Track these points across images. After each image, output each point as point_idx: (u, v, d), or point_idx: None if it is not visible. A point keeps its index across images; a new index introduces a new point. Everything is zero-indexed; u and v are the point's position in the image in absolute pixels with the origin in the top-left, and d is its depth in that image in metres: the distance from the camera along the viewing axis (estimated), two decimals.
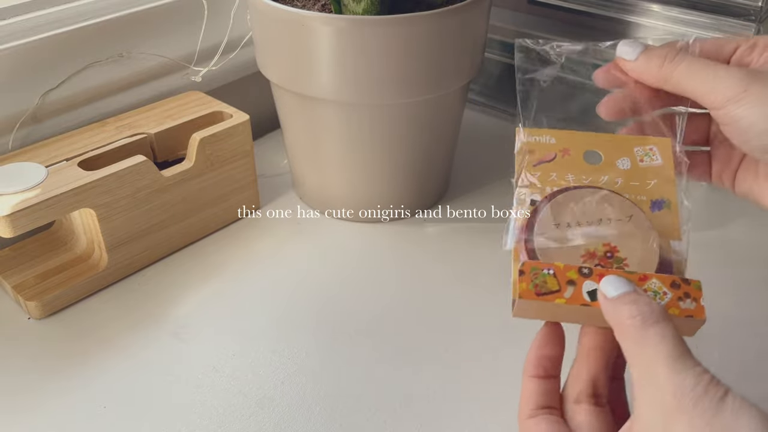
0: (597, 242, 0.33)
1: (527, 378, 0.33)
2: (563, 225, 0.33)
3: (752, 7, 0.53)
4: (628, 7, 0.58)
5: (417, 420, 0.39)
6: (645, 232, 0.33)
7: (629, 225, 0.33)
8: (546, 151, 0.37)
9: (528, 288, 0.31)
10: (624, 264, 0.32)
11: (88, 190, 0.45)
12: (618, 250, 0.33)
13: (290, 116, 0.53)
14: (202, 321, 0.46)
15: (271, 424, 0.39)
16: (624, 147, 0.37)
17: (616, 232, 0.33)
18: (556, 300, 0.31)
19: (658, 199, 0.36)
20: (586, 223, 0.33)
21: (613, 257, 0.32)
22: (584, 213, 0.34)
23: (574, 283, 0.31)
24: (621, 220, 0.33)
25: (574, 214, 0.34)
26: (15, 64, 0.50)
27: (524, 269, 0.32)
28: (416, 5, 0.46)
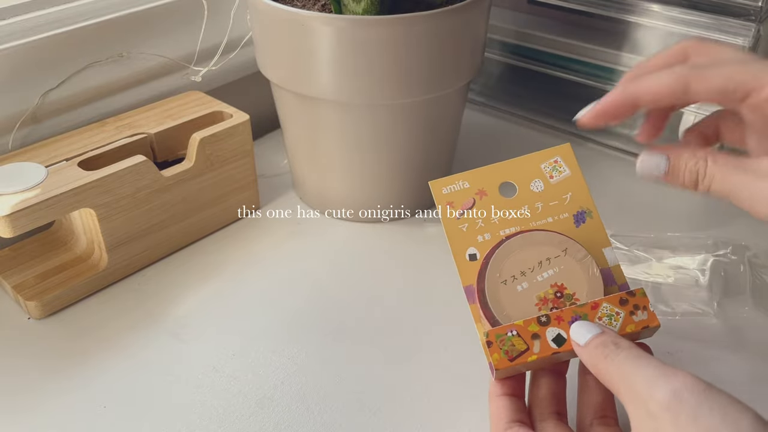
0: (545, 285, 0.35)
1: (495, 398, 0.35)
2: (509, 279, 0.35)
3: (752, 7, 0.53)
4: (628, 7, 0.58)
5: (417, 420, 0.39)
6: (582, 262, 0.35)
7: (567, 258, 0.35)
8: (464, 198, 0.38)
9: (501, 357, 0.34)
10: (575, 299, 0.34)
11: (88, 190, 0.45)
12: (565, 287, 0.35)
13: (290, 116, 0.53)
14: (202, 321, 0.46)
15: (271, 424, 0.39)
16: (531, 167, 0.39)
17: (557, 270, 0.35)
18: (528, 359, 0.34)
19: (578, 212, 0.38)
20: (529, 270, 0.35)
21: (563, 296, 0.34)
22: (523, 261, 0.35)
23: (539, 336, 0.34)
24: (558, 257, 0.35)
25: (515, 266, 0.35)
26: (15, 64, 0.50)
27: (491, 339, 0.34)
28: (416, 5, 0.46)
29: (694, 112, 0.58)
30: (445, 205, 0.38)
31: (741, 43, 0.54)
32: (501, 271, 0.35)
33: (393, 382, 0.41)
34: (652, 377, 0.28)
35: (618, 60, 0.61)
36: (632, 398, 0.28)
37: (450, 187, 0.39)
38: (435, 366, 0.43)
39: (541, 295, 0.35)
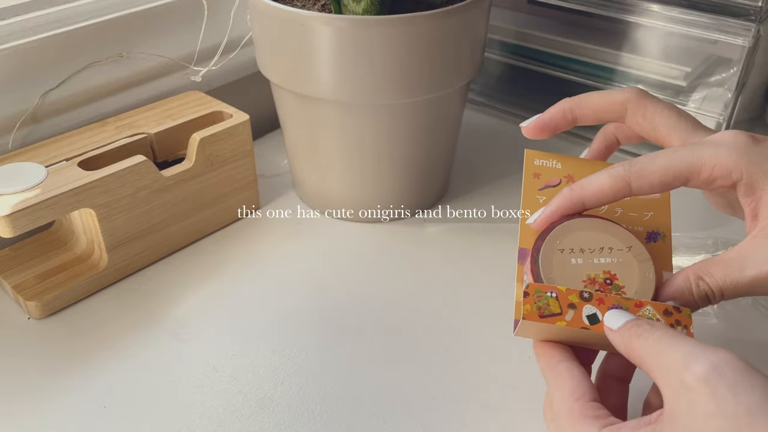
0: (597, 269, 0.35)
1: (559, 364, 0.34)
2: (567, 251, 0.35)
3: (752, 7, 0.53)
4: (628, 7, 0.58)
5: (417, 420, 0.39)
6: (642, 264, 0.35)
7: (628, 255, 0.35)
8: (551, 176, 0.39)
9: (532, 309, 0.33)
10: (622, 291, 0.34)
11: (88, 190, 0.45)
12: (617, 278, 0.35)
13: (290, 116, 0.53)
14: (202, 321, 0.46)
15: (271, 424, 0.39)
16: None
17: (615, 261, 0.35)
18: (557, 323, 0.33)
19: (653, 231, 0.38)
20: (588, 250, 0.35)
21: (612, 284, 0.34)
22: (587, 240, 0.35)
23: (575, 307, 0.34)
24: (621, 250, 0.35)
25: (577, 241, 0.35)
26: (15, 64, 0.50)
27: (528, 291, 0.34)
28: (416, 5, 0.46)
29: (694, 112, 0.58)
30: (531, 174, 0.40)
31: (741, 43, 0.54)
32: (562, 240, 0.35)
33: (393, 382, 0.41)
34: (689, 352, 0.28)
35: (618, 60, 0.61)
36: (666, 373, 0.28)
37: (543, 162, 0.40)
38: (435, 366, 0.43)
39: (592, 275, 0.35)
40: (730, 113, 0.57)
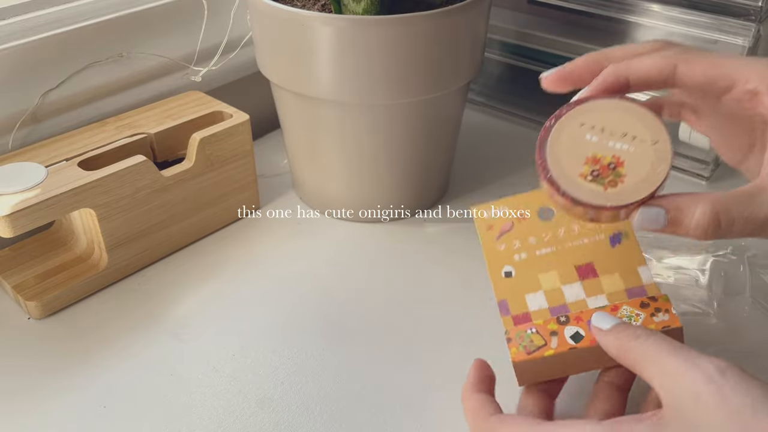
0: (608, 152, 0.33)
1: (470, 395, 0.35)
2: (587, 126, 0.33)
3: (752, 7, 0.53)
4: (628, 7, 0.58)
5: (417, 420, 0.39)
6: (659, 161, 0.32)
7: (649, 148, 0.33)
8: (502, 223, 0.40)
9: (519, 351, 0.35)
10: (620, 179, 0.32)
11: (88, 190, 0.45)
12: (623, 166, 0.33)
13: (290, 116, 0.53)
14: (202, 321, 0.46)
15: (271, 424, 0.39)
16: None
17: (632, 150, 0.33)
18: (545, 353, 0.34)
19: (615, 233, 0.39)
20: (610, 132, 0.33)
21: (614, 169, 0.33)
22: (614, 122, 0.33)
23: (557, 333, 0.35)
24: (644, 141, 0.33)
25: (603, 120, 0.34)
26: (15, 64, 0.50)
27: (510, 336, 0.35)
28: (416, 5, 0.46)
29: None
30: (484, 228, 0.41)
31: (741, 43, 0.54)
32: (589, 115, 0.34)
33: (393, 382, 0.41)
34: (690, 357, 0.28)
35: None
36: (666, 375, 0.29)
37: (489, 213, 0.41)
38: (435, 366, 0.43)
39: (598, 156, 0.33)
40: None
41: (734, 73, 0.32)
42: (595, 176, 0.32)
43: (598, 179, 0.32)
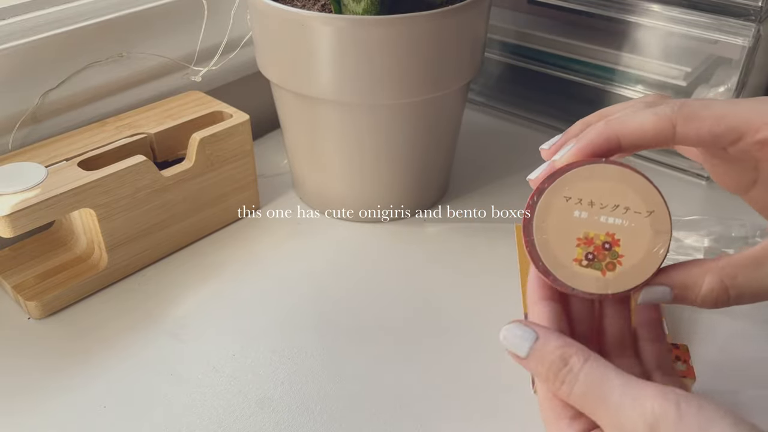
0: (601, 229, 0.30)
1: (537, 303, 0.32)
2: (574, 200, 0.31)
3: (752, 7, 0.53)
4: (628, 7, 0.58)
5: (417, 420, 0.39)
6: (658, 235, 0.30)
7: (645, 221, 0.30)
8: None
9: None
10: (618, 261, 0.30)
11: (88, 190, 0.45)
12: (619, 244, 0.30)
13: (290, 116, 0.53)
14: (202, 321, 0.46)
15: (271, 424, 0.39)
16: None
17: (626, 224, 0.30)
18: None
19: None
20: (600, 205, 0.30)
21: (610, 249, 0.30)
22: (603, 193, 0.30)
23: None
24: (639, 213, 0.30)
25: (591, 192, 0.30)
26: (15, 64, 0.50)
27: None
28: (416, 5, 0.46)
29: None
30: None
31: (741, 43, 0.54)
32: (574, 186, 0.31)
33: (393, 382, 0.41)
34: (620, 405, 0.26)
35: (618, 60, 0.61)
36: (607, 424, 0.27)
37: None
38: (435, 366, 0.43)
39: (590, 235, 0.30)
40: None
41: (742, 126, 0.29)
42: (591, 260, 0.30)
43: (594, 263, 0.30)
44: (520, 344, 0.29)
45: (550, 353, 0.28)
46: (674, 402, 0.25)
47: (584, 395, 0.27)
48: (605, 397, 0.26)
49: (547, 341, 0.29)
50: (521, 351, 0.29)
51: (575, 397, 0.27)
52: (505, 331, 0.30)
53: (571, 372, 0.28)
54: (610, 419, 0.26)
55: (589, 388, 0.27)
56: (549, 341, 0.29)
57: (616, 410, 0.26)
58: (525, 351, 0.29)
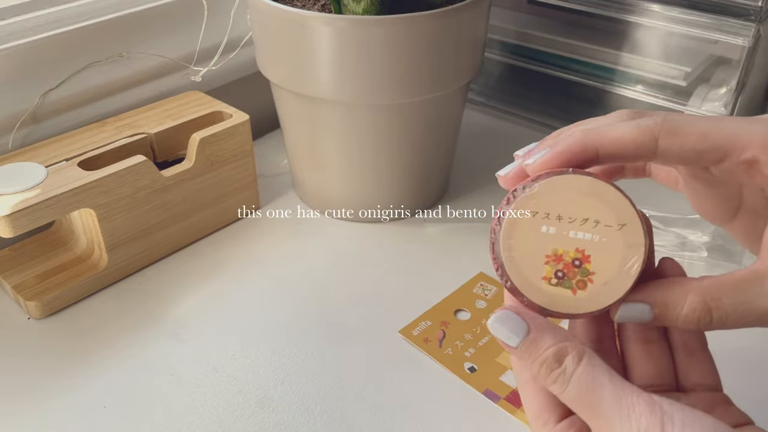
0: (570, 245, 0.29)
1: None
2: (541, 214, 0.29)
3: (752, 7, 0.53)
4: (628, 7, 0.58)
5: (417, 420, 0.39)
6: (630, 249, 0.28)
7: (617, 234, 0.28)
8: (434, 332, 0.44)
9: None
10: (588, 279, 0.28)
11: (88, 190, 0.45)
12: (589, 261, 0.28)
13: (290, 116, 0.53)
14: (202, 321, 0.46)
15: (271, 424, 0.39)
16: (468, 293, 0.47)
17: (596, 239, 0.28)
18: None
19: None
20: (568, 219, 0.29)
21: (580, 267, 0.29)
22: (571, 206, 0.29)
23: None
24: (609, 227, 0.28)
25: (558, 205, 0.29)
26: (15, 64, 0.50)
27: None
28: (416, 5, 0.46)
29: (695, 112, 0.58)
30: (423, 343, 0.44)
31: (741, 43, 0.54)
32: (541, 200, 0.29)
33: (393, 382, 0.41)
34: (609, 415, 0.26)
35: (618, 60, 0.61)
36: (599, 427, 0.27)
37: (418, 329, 0.45)
38: (435, 365, 0.43)
39: (559, 252, 0.28)
40: (730, 113, 0.57)
41: (727, 144, 0.28)
42: (560, 278, 0.28)
43: (563, 281, 0.28)
44: (509, 336, 0.28)
45: (544, 350, 0.27)
46: (659, 420, 0.25)
47: (576, 398, 0.27)
48: (596, 404, 0.26)
49: (541, 337, 0.28)
50: (511, 342, 0.28)
51: (566, 398, 0.27)
52: (493, 320, 0.28)
53: (564, 373, 0.27)
54: (600, 428, 0.26)
55: (581, 391, 0.27)
56: (543, 337, 0.28)
57: (607, 420, 0.26)
58: (515, 343, 0.28)
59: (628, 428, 0.25)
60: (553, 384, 0.27)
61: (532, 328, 0.28)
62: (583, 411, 0.27)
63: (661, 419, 0.25)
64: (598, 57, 0.62)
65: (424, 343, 0.43)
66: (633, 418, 0.25)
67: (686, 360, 0.31)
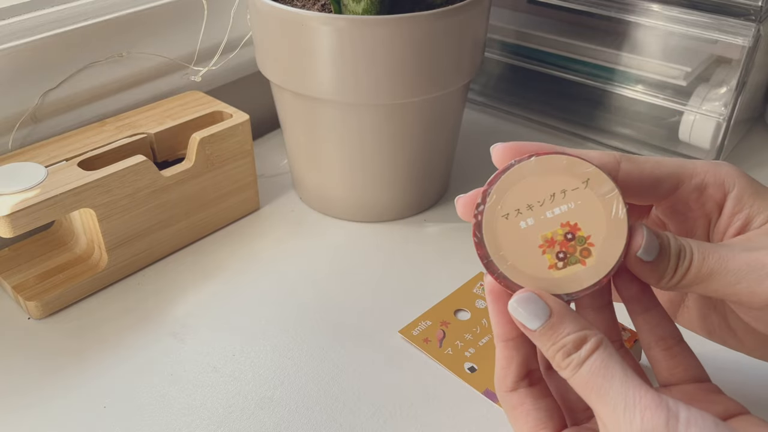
0: (553, 224, 0.28)
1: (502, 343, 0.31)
2: (512, 213, 0.29)
3: (752, 7, 0.53)
4: (628, 7, 0.58)
5: (417, 420, 0.39)
6: (606, 198, 0.28)
7: (586, 192, 0.28)
8: (434, 332, 0.44)
9: None
10: (588, 243, 0.28)
11: (88, 190, 0.45)
12: (579, 228, 0.28)
13: (290, 116, 0.53)
14: (202, 321, 0.46)
15: (271, 424, 0.39)
16: (468, 293, 0.47)
17: (573, 206, 0.28)
18: None
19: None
20: (538, 203, 0.29)
21: (575, 238, 0.28)
22: (534, 190, 0.29)
23: None
24: (576, 189, 0.28)
25: (522, 196, 0.29)
26: (15, 64, 0.50)
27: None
28: (416, 5, 0.46)
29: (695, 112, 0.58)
30: (423, 343, 0.43)
31: (741, 43, 0.54)
32: (504, 200, 0.29)
33: (393, 382, 0.41)
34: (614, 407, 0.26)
35: (618, 60, 0.61)
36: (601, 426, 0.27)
37: (418, 329, 0.44)
38: (435, 365, 0.43)
39: (548, 236, 0.28)
40: (730, 113, 0.57)
41: (679, 171, 0.31)
42: (564, 258, 0.28)
43: (569, 259, 0.28)
44: (530, 319, 0.28)
45: (564, 336, 0.28)
46: (664, 416, 0.25)
47: (586, 382, 0.27)
48: (604, 391, 0.27)
49: (561, 322, 0.28)
50: (531, 325, 0.28)
51: (576, 381, 0.27)
52: (515, 301, 0.28)
53: (579, 357, 0.27)
54: (606, 417, 0.26)
55: (592, 376, 0.27)
56: (564, 323, 0.28)
57: (613, 407, 0.26)
58: (535, 326, 0.28)
59: (631, 419, 0.25)
60: (566, 368, 0.28)
61: (554, 312, 0.28)
62: (591, 396, 0.27)
63: (666, 415, 0.25)
64: (598, 57, 0.62)
65: (424, 343, 0.43)
66: (638, 409, 0.25)
67: (665, 356, 0.31)
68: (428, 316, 0.46)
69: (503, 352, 0.31)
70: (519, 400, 0.31)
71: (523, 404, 0.31)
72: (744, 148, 0.65)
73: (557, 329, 0.28)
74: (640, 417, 0.25)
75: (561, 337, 0.28)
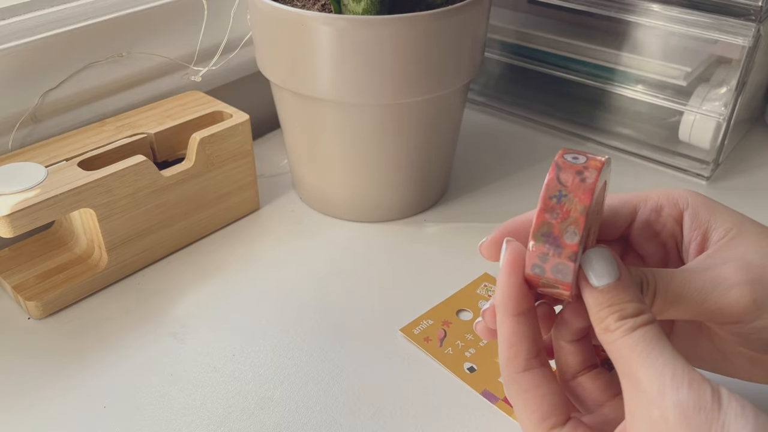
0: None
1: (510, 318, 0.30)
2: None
3: (752, 7, 0.53)
4: (628, 7, 0.58)
5: (416, 420, 0.39)
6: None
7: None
8: (435, 331, 0.45)
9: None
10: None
11: (88, 190, 0.45)
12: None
13: (290, 116, 0.53)
14: (202, 321, 0.46)
15: (271, 424, 0.39)
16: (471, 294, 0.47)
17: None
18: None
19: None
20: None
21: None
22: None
23: None
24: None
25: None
26: (15, 64, 0.50)
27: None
28: (416, 5, 0.46)
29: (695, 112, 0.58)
30: (423, 342, 0.44)
31: (741, 43, 0.54)
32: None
33: (393, 382, 0.41)
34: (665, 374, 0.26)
35: (618, 60, 0.61)
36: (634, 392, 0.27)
37: (419, 328, 0.45)
38: (435, 365, 0.43)
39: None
40: (730, 113, 0.57)
41: (632, 198, 0.33)
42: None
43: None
44: (602, 275, 0.28)
45: (626, 301, 0.28)
46: (710, 392, 0.25)
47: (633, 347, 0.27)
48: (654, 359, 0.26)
49: (629, 287, 0.28)
50: (598, 281, 0.28)
51: (620, 344, 0.27)
52: (592, 253, 0.28)
53: (633, 322, 0.27)
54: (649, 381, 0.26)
55: (641, 344, 0.27)
56: (630, 289, 0.28)
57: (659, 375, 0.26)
58: (600, 283, 0.28)
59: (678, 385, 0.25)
60: (616, 330, 0.27)
61: (623, 275, 0.28)
62: (637, 359, 0.26)
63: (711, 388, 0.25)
64: (598, 57, 0.62)
65: (425, 342, 0.43)
66: (686, 379, 0.26)
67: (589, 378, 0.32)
68: (430, 315, 0.46)
69: (513, 328, 0.30)
70: (533, 381, 0.30)
71: (539, 387, 0.30)
72: (744, 148, 0.65)
73: (621, 292, 0.28)
74: (687, 385, 0.25)
75: (622, 300, 0.28)
